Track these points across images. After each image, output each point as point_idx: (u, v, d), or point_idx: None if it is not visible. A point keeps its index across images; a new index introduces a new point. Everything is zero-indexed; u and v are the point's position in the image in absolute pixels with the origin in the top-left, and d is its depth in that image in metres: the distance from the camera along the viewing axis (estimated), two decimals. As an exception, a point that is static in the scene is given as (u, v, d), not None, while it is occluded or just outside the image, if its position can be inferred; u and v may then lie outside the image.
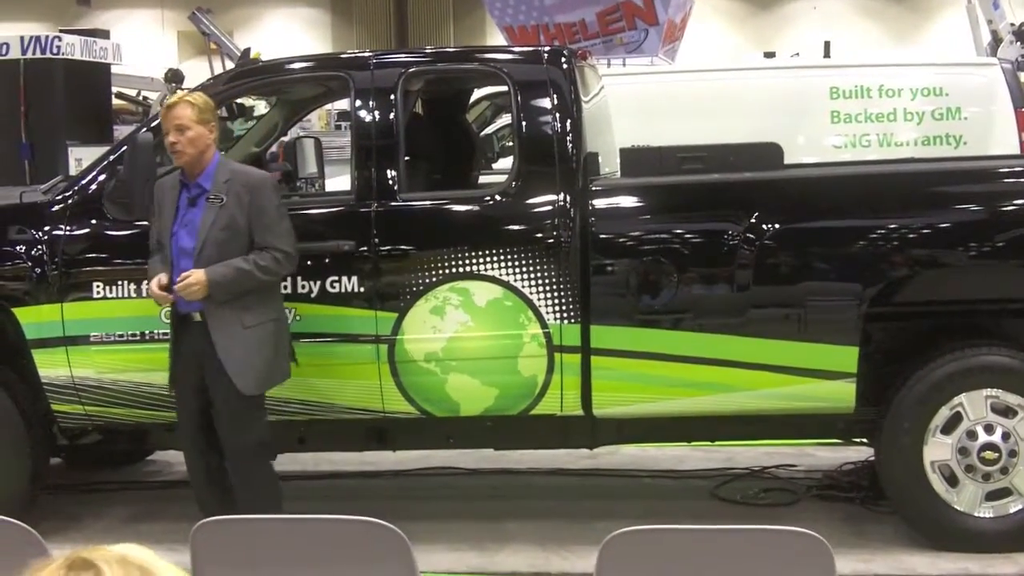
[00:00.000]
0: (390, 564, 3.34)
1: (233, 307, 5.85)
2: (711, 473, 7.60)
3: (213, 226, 5.83)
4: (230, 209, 5.85)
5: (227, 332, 5.86)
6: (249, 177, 6.02)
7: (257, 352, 5.92)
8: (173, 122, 5.86)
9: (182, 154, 5.87)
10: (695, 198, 6.58)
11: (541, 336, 6.28)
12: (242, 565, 3.48)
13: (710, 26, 32.23)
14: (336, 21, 38.23)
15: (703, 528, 3.37)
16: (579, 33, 18.13)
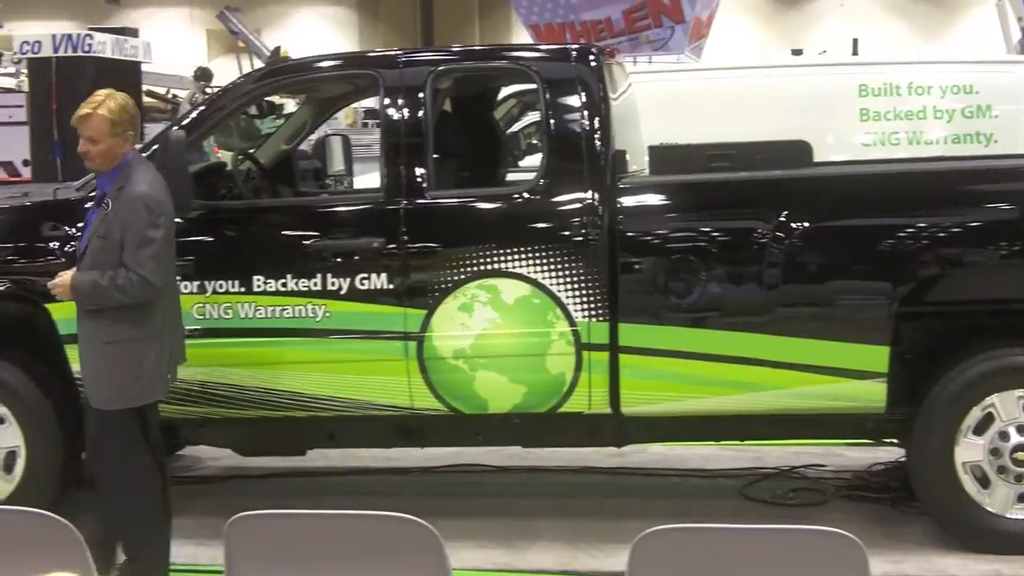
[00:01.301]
0: (422, 560, 3.35)
1: (97, 320, 5.72)
2: (740, 472, 7.58)
3: (94, 234, 5.71)
4: (110, 220, 5.67)
5: (87, 343, 5.77)
6: (129, 191, 5.69)
7: (106, 369, 5.71)
8: (86, 131, 5.72)
9: (92, 162, 5.78)
10: (724, 196, 6.56)
11: (569, 334, 6.28)
12: (275, 560, 3.49)
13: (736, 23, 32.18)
14: (362, 19, 38.33)
15: (736, 527, 3.36)
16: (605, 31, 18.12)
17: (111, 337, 5.70)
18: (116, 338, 5.69)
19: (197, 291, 6.44)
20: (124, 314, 5.68)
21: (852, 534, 3.28)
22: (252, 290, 6.42)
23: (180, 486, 7.73)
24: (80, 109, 5.79)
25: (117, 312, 5.68)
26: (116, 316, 5.68)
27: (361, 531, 3.45)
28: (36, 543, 3.65)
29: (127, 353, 5.71)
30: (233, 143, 11.47)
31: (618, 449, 7.16)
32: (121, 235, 5.62)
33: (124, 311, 5.68)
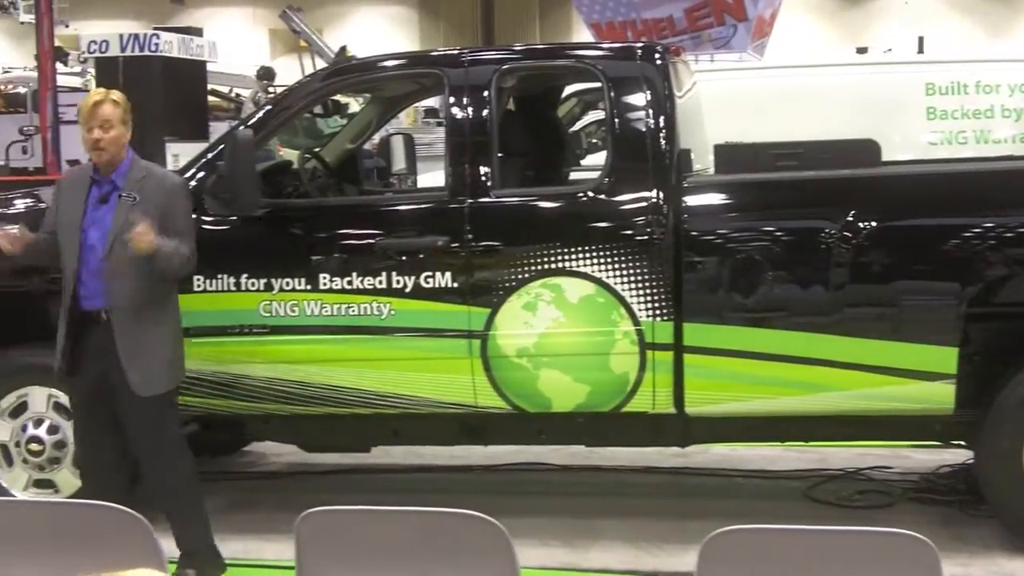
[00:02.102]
0: (491, 558, 3.36)
1: (137, 306, 5.83)
2: (804, 474, 7.54)
3: (125, 225, 5.78)
4: (141, 208, 5.79)
5: (132, 332, 5.83)
6: (165, 179, 6.02)
7: (170, 351, 5.95)
8: (99, 119, 5.82)
9: (104, 152, 5.85)
10: (791, 195, 6.53)
11: (633, 333, 6.27)
12: (345, 555, 3.51)
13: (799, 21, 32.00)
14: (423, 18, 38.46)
15: (808, 528, 3.35)
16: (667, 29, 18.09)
17: (167, 319, 5.96)
18: (170, 319, 5.98)
19: (264, 288, 6.48)
20: (171, 296, 6.00)
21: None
22: (318, 288, 6.46)
23: (246, 482, 7.82)
24: (88, 100, 5.95)
25: (167, 295, 5.94)
26: (166, 298, 5.95)
27: (431, 528, 3.47)
28: (111, 538, 3.68)
29: (178, 333, 6.06)
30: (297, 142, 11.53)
31: (681, 449, 7.15)
32: (159, 221, 5.76)
33: (171, 293, 6.00)
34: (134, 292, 5.83)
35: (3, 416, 6.74)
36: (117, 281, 5.81)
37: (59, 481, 6.71)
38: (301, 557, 3.52)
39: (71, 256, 5.87)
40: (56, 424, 6.68)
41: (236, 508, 7.26)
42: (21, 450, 6.72)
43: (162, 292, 5.95)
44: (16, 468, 6.75)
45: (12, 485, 6.74)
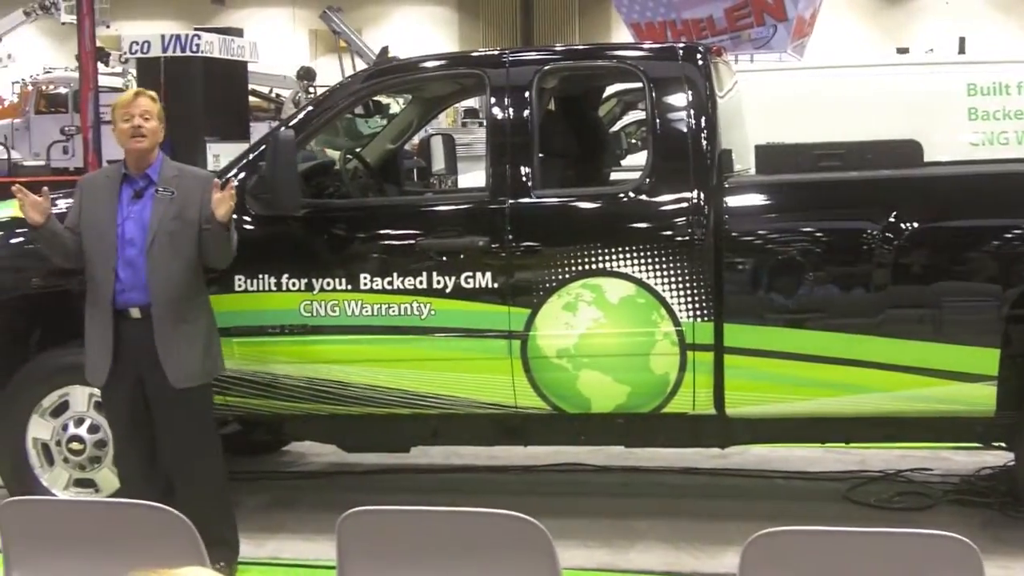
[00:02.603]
0: (532, 559, 3.36)
1: (174, 301, 5.93)
2: (844, 475, 7.51)
3: (165, 217, 5.92)
4: (180, 201, 5.95)
5: (169, 326, 5.93)
6: (199, 175, 6.24)
7: (208, 343, 6.09)
8: (139, 108, 5.98)
9: (143, 139, 5.96)
10: (832, 196, 6.51)
11: (674, 334, 6.25)
12: (387, 555, 3.52)
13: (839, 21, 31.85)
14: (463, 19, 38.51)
15: (851, 530, 3.33)
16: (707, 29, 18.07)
17: (201, 314, 6.09)
18: (204, 314, 6.11)
19: (305, 288, 6.50)
20: (203, 292, 6.15)
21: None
22: (358, 288, 6.47)
23: (285, 481, 7.85)
24: (126, 94, 6.17)
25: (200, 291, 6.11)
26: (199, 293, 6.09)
27: (473, 528, 3.47)
28: (154, 537, 3.71)
29: (212, 327, 6.18)
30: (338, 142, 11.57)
31: (721, 450, 7.13)
32: (199, 214, 5.93)
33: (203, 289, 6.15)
34: (173, 286, 5.92)
35: (44, 415, 6.79)
36: (156, 275, 5.90)
37: (99, 480, 6.75)
38: (342, 557, 3.53)
39: (105, 253, 5.94)
40: (97, 423, 6.71)
41: (276, 507, 7.29)
42: (62, 449, 6.76)
43: (196, 287, 6.06)
44: (57, 467, 6.79)
45: (53, 484, 6.78)
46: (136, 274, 5.92)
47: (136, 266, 5.92)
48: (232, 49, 17.58)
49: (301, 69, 23.35)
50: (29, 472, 6.80)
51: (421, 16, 38.65)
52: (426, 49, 21.36)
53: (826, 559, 3.30)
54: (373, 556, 3.53)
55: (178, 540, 3.63)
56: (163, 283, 5.91)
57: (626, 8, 19.00)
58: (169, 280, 5.91)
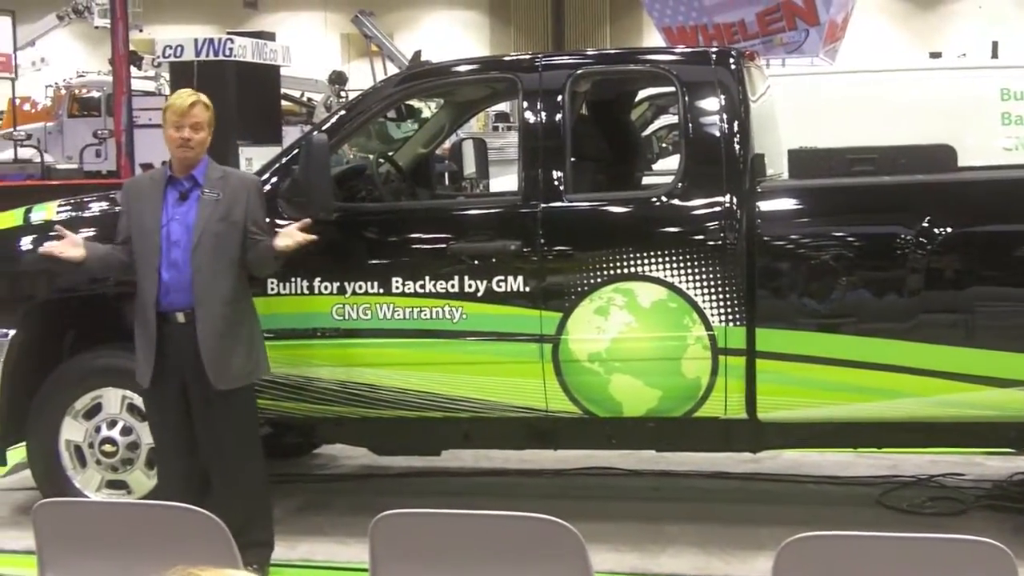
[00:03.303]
0: (565, 562, 3.36)
1: (219, 303, 5.96)
2: (876, 480, 7.48)
3: (210, 218, 5.95)
4: (226, 204, 5.99)
5: (213, 327, 5.95)
6: (244, 178, 6.31)
7: (252, 344, 6.12)
8: (191, 120, 5.99)
9: (190, 150, 6.00)
10: (865, 201, 6.49)
11: (706, 338, 6.25)
12: (419, 558, 3.53)
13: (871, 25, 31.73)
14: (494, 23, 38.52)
15: (885, 536, 3.33)
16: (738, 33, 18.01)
17: (246, 316, 6.12)
18: (248, 316, 6.14)
19: (337, 292, 6.52)
20: (248, 293, 6.18)
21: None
22: (390, 291, 6.49)
23: (317, 484, 7.87)
24: (183, 99, 6.10)
25: (245, 292, 6.13)
26: (244, 295, 6.12)
27: (505, 532, 3.47)
28: (187, 539, 3.72)
29: (257, 330, 6.21)
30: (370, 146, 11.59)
31: (753, 454, 7.12)
32: (244, 216, 5.99)
33: (247, 291, 6.17)
34: (217, 287, 5.96)
35: (77, 417, 6.83)
36: (201, 276, 5.93)
37: (132, 482, 6.78)
38: (375, 560, 3.54)
39: (149, 255, 5.97)
40: (129, 426, 6.75)
41: (307, 510, 7.31)
42: (95, 451, 6.79)
43: (241, 289, 6.08)
44: (89, 469, 6.83)
45: (85, 486, 6.82)
46: (180, 276, 5.95)
47: (180, 268, 5.95)
48: (265, 53, 17.64)
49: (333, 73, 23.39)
50: (61, 474, 6.84)
51: (452, 20, 38.69)
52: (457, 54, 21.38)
53: (860, 564, 3.29)
54: (406, 559, 3.54)
55: (211, 542, 3.64)
56: (208, 284, 5.93)
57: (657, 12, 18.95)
58: (214, 281, 5.94)
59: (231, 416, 6.05)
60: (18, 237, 7.02)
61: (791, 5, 17.62)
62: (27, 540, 6.37)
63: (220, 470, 6.11)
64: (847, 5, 18.73)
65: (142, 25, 25.55)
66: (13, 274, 7.00)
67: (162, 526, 3.89)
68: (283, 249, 5.94)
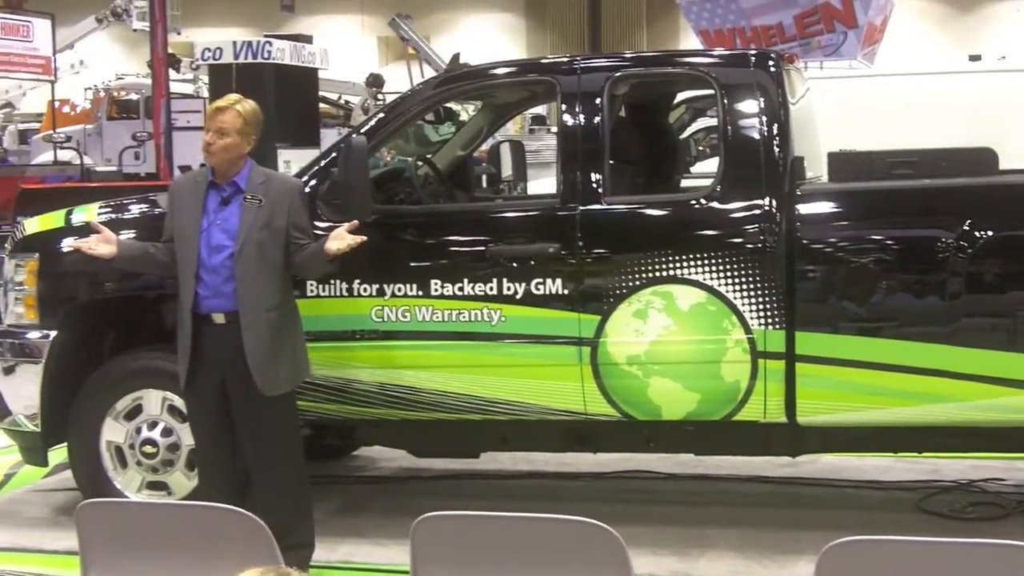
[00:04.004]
0: (607, 565, 3.36)
1: (263, 308, 5.97)
2: (916, 485, 7.44)
3: (253, 225, 5.95)
4: (269, 209, 5.99)
5: (259, 333, 5.95)
6: (287, 182, 6.28)
7: (293, 349, 6.12)
8: (216, 124, 6.00)
9: (212, 156, 6.02)
10: (906, 204, 6.46)
11: (745, 342, 6.23)
12: (460, 560, 3.53)
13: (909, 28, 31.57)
14: (530, 26, 38.51)
15: (927, 540, 3.31)
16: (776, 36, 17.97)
17: (291, 320, 6.12)
18: (293, 320, 6.14)
19: (376, 294, 6.54)
20: (292, 297, 6.18)
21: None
22: (429, 294, 6.50)
23: (355, 486, 7.88)
24: (217, 103, 6.14)
25: (289, 296, 6.15)
26: (289, 299, 6.13)
27: (546, 534, 3.47)
28: (230, 539, 3.74)
29: (301, 334, 6.21)
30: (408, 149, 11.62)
31: (791, 459, 7.09)
32: (287, 221, 5.99)
33: (292, 295, 6.18)
34: (261, 293, 5.97)
35: (118, 419, 6.86)
36: (245, 283, 5.94)
37: (172, 483, 6.81)
38: (416, 561, 3.54)
39: (188, 258, 5.99)
40: (170, 427, 6.78)
41: (346, 512, 7.32)
42: (135, 452, 6.83)
43: (284, 294, 6.09)
44: (130, 470, 6.86)
45: (126, 487, 6.85)
46: (219, 280, 5.96)
47: (220, 272, 5.96)
48: (303, 56, 17.70)
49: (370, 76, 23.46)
50: (103, 475, 6.88)
51: (489, 23, 38.70)
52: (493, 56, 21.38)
53: (902, 569, 3.27)
54: (447, 561, 3.54)
55: (253, 542, 3.66)
56: (252, 291, 5.95)
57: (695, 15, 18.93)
58: (258, 288, 5.95)
59: (272, 419, 6.07)
60: (59, 239, 7.06)
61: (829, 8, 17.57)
62: (68, 540, 6.44)
63: (261, 472, 6.13)
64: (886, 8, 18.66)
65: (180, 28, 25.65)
66: (55, 275, 7.03)
67: (204, 526, 3.90)
68: (334, 252, 5.94)
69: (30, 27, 21.18)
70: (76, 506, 4.18)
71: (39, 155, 25.68)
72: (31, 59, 21.34)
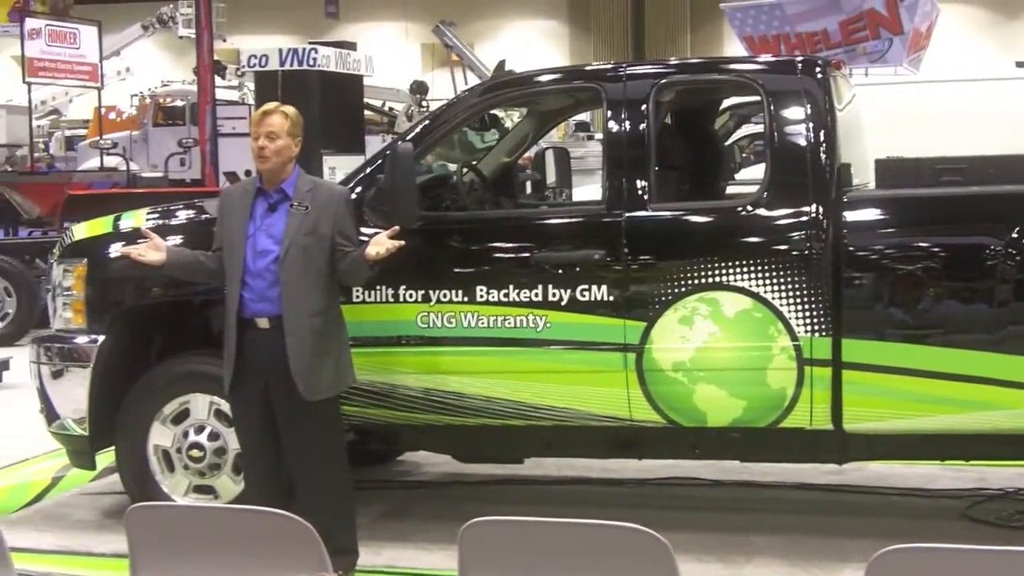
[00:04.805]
0: (654, 572, 3.36)
1: (307, 314, 6.00)
2: (963, 493, 7.40)
3: (298, 231, 5.98)
4: (315, 216, 6.02)
5: (302, 338, 5.99)
6: (333, 190, 6.29)
7: (336, 355, 6.14)
8: (265, 129, 6.04)
9: (266, 160, 6.04)
10: (954, 211, 6.43)
11: (791, 349, 6.22)
12: (508, 566, 3.53)
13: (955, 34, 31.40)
14: (574, 32, 38.54)
15: (976, 548, 3.28)
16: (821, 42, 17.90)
17: (335, 326, 6.15)
18: (337, 326, 6.17)
19: (421, 300, 6.56)
20: (337, 303, 6.21)
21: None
22: (474, 300, 6.51)
23: (399, 491, 7.90)
24: (261, 109, 6.20)
25: (334, 302, 6.17)
26: (333, 305, 6.16)
27: (594, 540, 3.48)
28: (275, 542, 3.75)
29: (345, 340, 6.24)
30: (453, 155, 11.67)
31: (838, 466, 7.06)
32: (332, 228, 6.01)
33: (337, 301, 6.21)
34: (305, 299, 6.00)
35: (166, 423, 6.91)
36: (289, 289, 5.98)
37: (219, 487, 6.85)
38: (464, 566, 3.55)
39: (235, 264, 6.04)
40: (217, 431, 6.82)
41: (390, 517, 7.34)
42: (182, 456, 6.87)
43: (329, 300, 6.12)
44: (177, 474, 6.91)
45: (173, 491, 6.90)
46: (264, 285, 6.01)
47: (265, 277, 6.01)
48: (348, 63, 17.76)
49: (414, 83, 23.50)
50: (150, 478, 6.93)
51: (532, 30, 38.74)
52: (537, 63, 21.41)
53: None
54: (495, 566, 3.55)
55: (301, 546, 3.67)
56: (296, 297, 5.98)
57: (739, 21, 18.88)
58: (302, 293, 5.99)
59: (316, 425, 6.10)
60: (108, 244, 7.12)
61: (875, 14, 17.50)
62: (116, 543, 6.52)
63: (305, 477, 6.16)
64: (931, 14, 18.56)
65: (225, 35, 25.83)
66: (103, 280, 7.09)
67: (253, 530, 3.92)
68: (374, 257, 5.95)
69: (77, 34, 21.35)
70: (123, 509, 4.21)
71: (86, 161, 25.87)
72: (78, 66, 21.50)
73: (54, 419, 7.13)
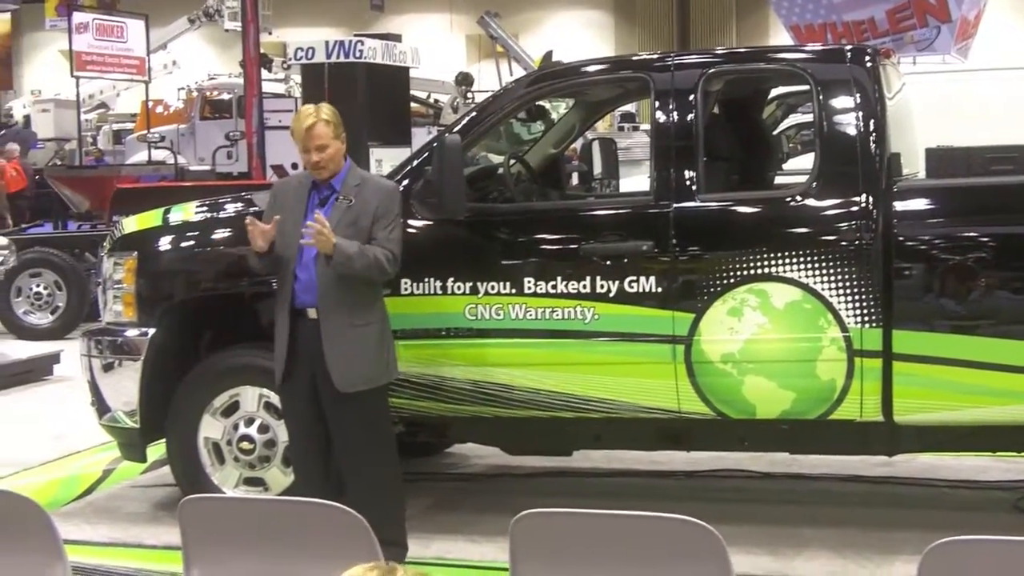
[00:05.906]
0: (706, 564, 3.35)
1: (343, 305, 6.02)
2: (1014, 485, 7.34)
3: (339, 224, 6.01)
4: (356, 210, 6.07)
5: (336, 329, 6.02)
6: (380, 184, 6.32)
7: (375, 349, 6.12)
8: (315, 142, 6.06)
9: (324, 170, 6.11)
10: (1006, 200, 6.38)
11: (841, 340, 6.18)
12: (559, 558, 3.54)
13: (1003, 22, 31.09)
14: (619, 22, 38.40)
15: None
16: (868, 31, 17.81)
17: (359, 321, 6.09)
18: (363, 321, 6.10)
19: (469, 292, 6.56)
20: (374, 299, 6.18)
21: None
22: (522, 292, 6.51)
23: (449, 483, 7.92)
24: (301, 122, 6.14)
25: (372, 296, 6.14)
26: (368, 302, 6.13)
27: (645, 532, 3.47)
28: (327, 534, 3.77)
29: (384, 334, 6.22)
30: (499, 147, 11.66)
31: (888, 458, 7.02)
32: (372, 222, 6.04)
33: (374, 297, 6.18)
34: (340, 289, 6.04)
35: (215, 415, 6.94)
36: (325, 278, 6.04)
37: (268, 479, 6.88)
38: (515, 558, 3.55)
39: (289, 255, 6.10)
40: (266, 424, 6.85)
41: (439, 509, 7.35)
42: (232, 448, 6.90)
43: (367, 292, 6.14)
44: (227, 466, 6.94)
45: (223, 483, 6.93)
46: (312, 277, 6.07)
47: (312, 268, 6.07)
48: (394, 55, 17.73)
49: (459, 74, 23.50)
50: (200, 470, 6.96)
51: (577, 20, 38.63)
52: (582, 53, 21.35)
53: (1006, 570, 3.23)
54: (546, 558, 3.55)
55: (353, 538, 3.69)
56: (331, 287, 6.03)
57: (785, 10, 18.82)
58: (338, 284, 6.03)
59: (360, 416, 6.12)
60: (157, 237, 7.16)
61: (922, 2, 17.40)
62: (167, 536, 6.57)
63: (351, 469, 6.18)
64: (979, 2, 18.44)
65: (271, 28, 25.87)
66: (153, 274, 7.13)
67: (305, 522, 3.94)
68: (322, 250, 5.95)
69: (124, 28, 21.44)
70: (173, 502, 4.24)
71: (133, 155, 26.01)
72: (125, 59, 21.59)
73: (105, 412, 7.18)
